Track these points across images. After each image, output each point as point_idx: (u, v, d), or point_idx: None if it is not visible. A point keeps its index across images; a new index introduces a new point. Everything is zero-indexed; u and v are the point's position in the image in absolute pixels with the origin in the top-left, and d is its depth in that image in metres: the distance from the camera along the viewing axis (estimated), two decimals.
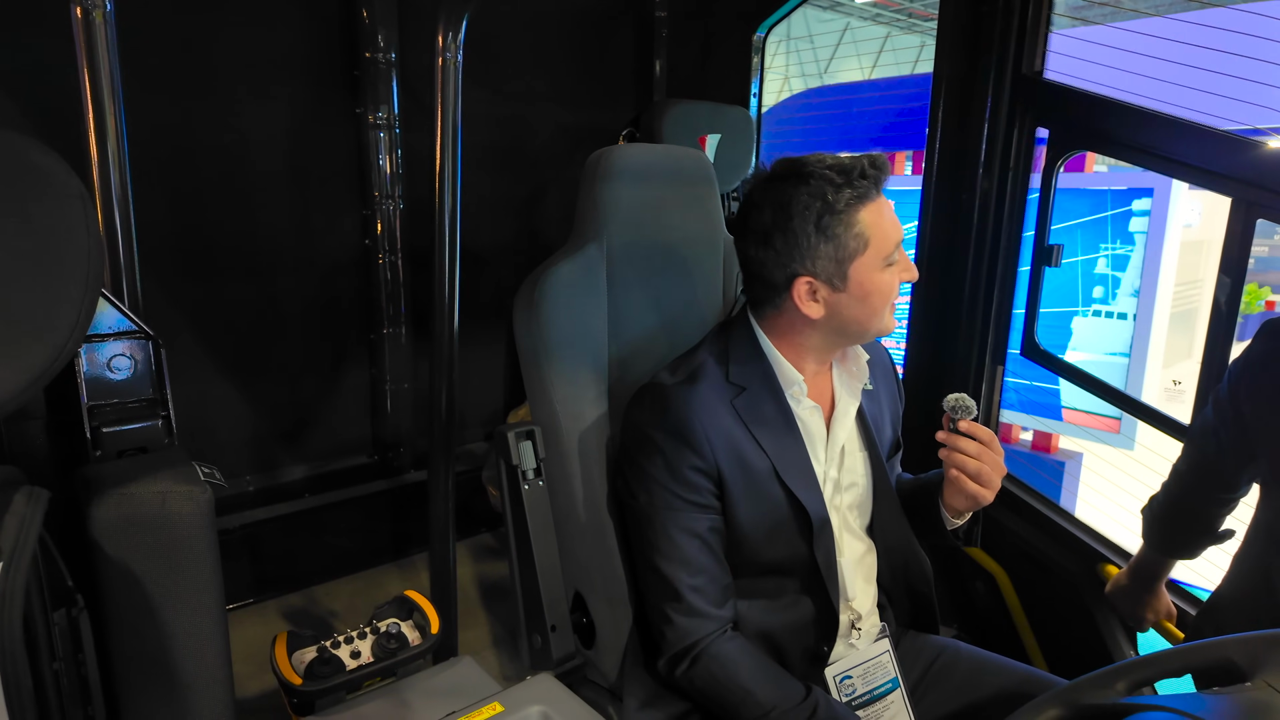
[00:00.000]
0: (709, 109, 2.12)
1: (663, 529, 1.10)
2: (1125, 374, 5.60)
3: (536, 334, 1.22)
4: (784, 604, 1.17)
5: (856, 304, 1.08)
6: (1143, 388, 5.61)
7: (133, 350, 0.81)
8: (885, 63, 10.61)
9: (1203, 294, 8.55)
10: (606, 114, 2.53)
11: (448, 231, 1.36)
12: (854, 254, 1.05)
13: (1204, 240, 7.24)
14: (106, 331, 0.80)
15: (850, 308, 1.09)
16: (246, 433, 2.03)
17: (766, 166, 1.12)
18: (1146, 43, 3.19)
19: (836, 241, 1.05)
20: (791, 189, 1.05)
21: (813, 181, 1.04)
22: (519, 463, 1.20)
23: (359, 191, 2.11)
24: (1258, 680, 0.87)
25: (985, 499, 1.11)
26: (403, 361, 2.24)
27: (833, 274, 1.06)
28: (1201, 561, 1.57)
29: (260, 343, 2.03)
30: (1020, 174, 1.91)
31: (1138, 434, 5.40)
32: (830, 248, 1.05)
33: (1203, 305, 8.71)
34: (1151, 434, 2.49)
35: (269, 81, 1.91)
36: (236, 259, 1.96)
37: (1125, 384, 5.74)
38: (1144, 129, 1.69)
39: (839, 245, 1.05)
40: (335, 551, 2.11)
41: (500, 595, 2.04)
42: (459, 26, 1.24)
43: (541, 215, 2.49)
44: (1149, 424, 1.75)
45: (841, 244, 1.05)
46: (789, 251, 1.06)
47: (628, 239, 1.29)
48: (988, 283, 1.98)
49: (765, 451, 1.11)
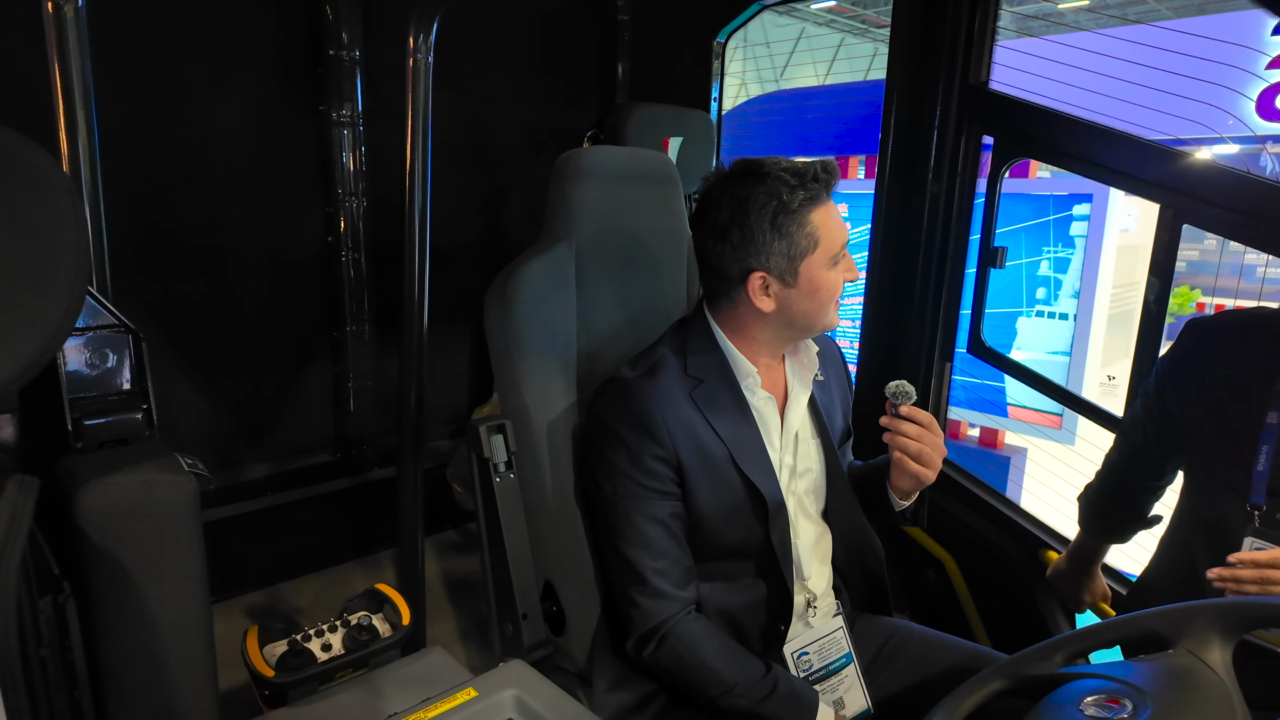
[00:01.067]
0: (671, 112, 2.17)
1: (627, 516, 1.15)
2: (1066, 372, 5.83)
3: (508, 329, 1.25)
4: (742, 585, 1.23)
5: (806, 299, 1.14)
6: (1083, 385, 5.86)
7: (113, 344, 0.82)
8: (839, 69, 10.83)
9: (1138, 296, 8.89)
10: (570, 115, 2.56)
11: (418, 230, 1.39)
12: (805, 252, 1.12)
13: (1140, 245, 7.56)
14: (87, 325, 0.81)
15: (799, 302, 1.15)
16: (209, 430, 2.01)
17: (726, 166, 1.18)
18: (1080, 55, 3.34)
19: (789, 239, 1.11)
20: (750, 187, 1.11)
21: (769, 181, 1.10)
22: (490, 456, 1.23)
23: (322, 189, 2.11)
24: (1179, 647, 0.95)
25: (928, 478, 1.19)
26: (366, 359, 2.24)
27: (784, 270, 1.12)
28: (1134, 547, 1.68)
29: (222, 340, 2.02)
30: (967, 180, 2.00)
31: (1078, 429, 5.64)
32: (783, 245, 1.11)
33: (1138, 307, 9.06)
34: (1091, 429, 2.62)
35: (232, 77, 1.90)
36: (198, 256, 1.95)
37: (1066, 381, 5.99)
38: (1081, 138, 1.79)
39: (791, 243, 1.11)
40: (300, 549, 2.10)
41: (466, 590, 2.06)
42: (430, 28, 1.27)
43: (506, 214, 2.51)
44: (1085, 416, 1.86)
45: (794, 242, 1.11)
46: (745, 246, 1.12)
47: (596, 237, 1.33)
48: (936, 283, 2.07)
49: (722, 439, 1.17)
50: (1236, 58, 4.54)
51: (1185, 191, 1.65)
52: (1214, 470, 1.33)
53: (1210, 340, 1.36)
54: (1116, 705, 0.87)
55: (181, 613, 0.76)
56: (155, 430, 0.83)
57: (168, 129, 1.84)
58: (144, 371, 0.83)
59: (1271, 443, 1.24)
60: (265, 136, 1.99)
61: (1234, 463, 1.27)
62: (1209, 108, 4.50)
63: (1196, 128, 4.66)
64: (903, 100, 2.04)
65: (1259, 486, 1.24)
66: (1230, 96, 4.56)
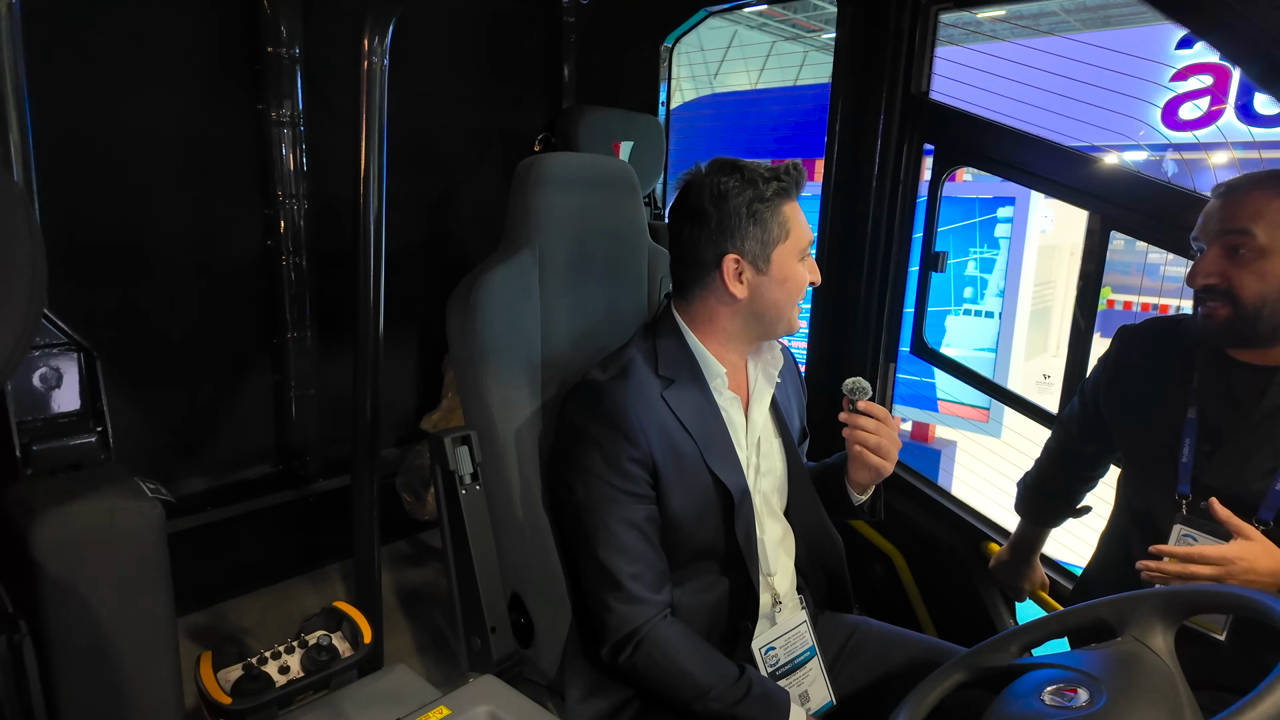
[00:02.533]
0: (622, 116, 2.17)
1: (601, 520, 1.15)
2: (993, 367, 6.11)
3: (472, 338, 1.23)
4: (708, 583, 1.25)
5: (776, 287, 1.19)
6: (1009, 378, 6.14)
7: (62, 362, 0.78)
8: (771, 70, 11.02)
9: (1056, 293, 9.40)
10: (517, 116, 2.54)
11: (372, 237, 1.35)
12: (777, 240, 1.17)
13: (1056, 245, 7.96)
14: (34, 343, 0.76)
15: (770, 290, 1.19)
16: (141, 444, 1.91)
17: (703, 165, 1.21)
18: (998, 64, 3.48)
19: (763, 225, 1.16)
20: (728, 176, 1.17)
21: (746, 173, 1.16)
22: (455, 468, 1.21)
23: (261, 191, 2.02)
24: (1126, 635, 1.00)
25: (886, 470, 1.24)
26: (308, 366, 2.17)
27: (758, 255, 1.17)
28: (1066, 534, 1.77)
29: (156, 349, 1.92)
30: (909, 186, 2.06)
31: (1005, 422, 5.89)
32: (758, 230, 1.16)
33: (1056, 304, 9.58)
34: (1017, 422, 2.73)
35: (162, 74, 1.81)
36: (128, 261, 1.84)
37: (993, 376, 6.26)
38: (1016, 148, 1.88)
39: (765, 229, 1.16)
40: (242, 566, 2.02)
41: (420, 602, 2.01)
42: (385, 30, 1.24)
43: (453, 217, 2.46)
44: (1023, 414, 1.95)
45: (767, 229, 1.16)
46: (721, 230, 1.16)
47: (558, 244, 1.33)
48: (880, 286, 2.13)
49: (693, 438, 1.18)
50: (1145, 70, 4.83)
51: (1113, 199, 1.74)
52: (1144, 464, 1.41)
53: (1136, 344, 1.46)
54: (1074, 694, 0.92)
55: (148, 648, 0.72)
56: (111, 453, 0.79)
57: (96, 129, 1.74)
58: (98, 390, 0.79)
59: (1193, 436, 1.33)
60: (200, 137, 1.90)
61: (1161, 456, 1.35)
62: (1122, 116, 4.76)
63: (1111, 135, 4.93)
64: (847, 109, 2.10)
65: (1184, 477, 1.32)
66: (1140, 105, 4.84)
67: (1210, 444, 1.31)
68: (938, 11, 1.98)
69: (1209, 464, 1.30)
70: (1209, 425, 1.31)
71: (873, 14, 2.01)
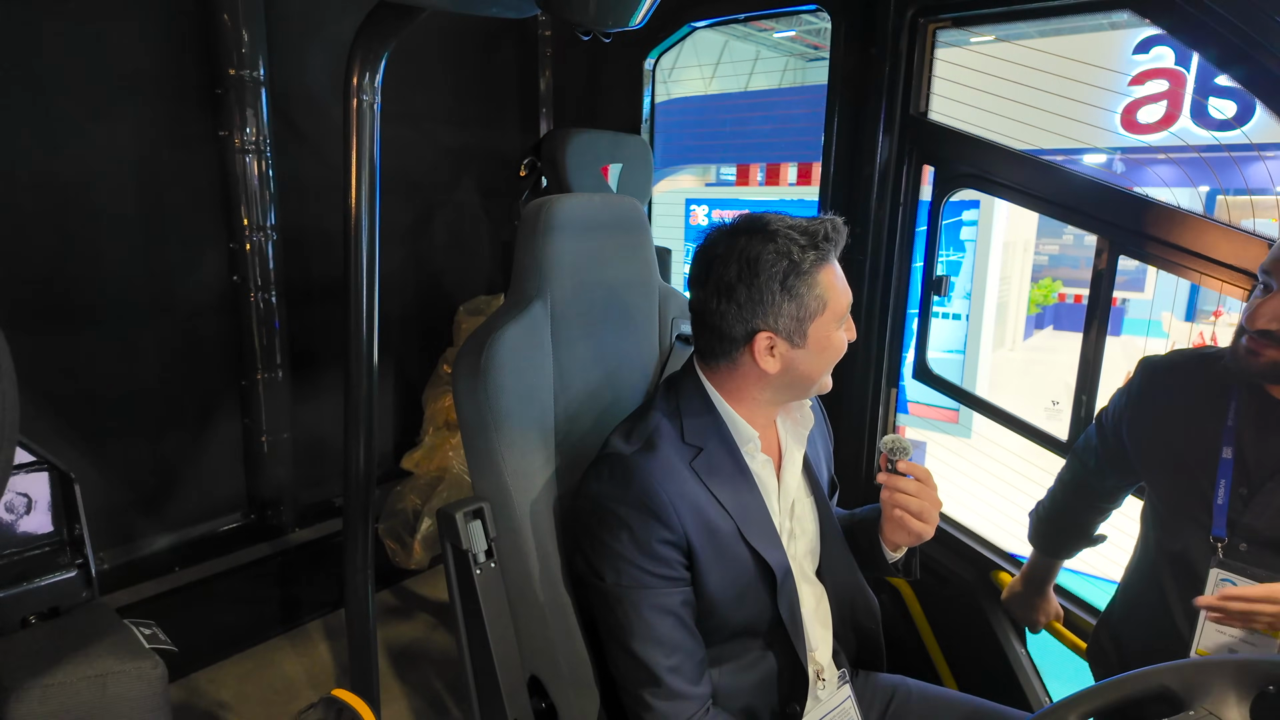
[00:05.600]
0: (609, 138, 2.07)
1: (634, 609, 1.05)
2: (961, 367, 6.20)
3: (484, 404, 1.12)
4: (750, 661, 1.16)
5: (813, 358, 1.09)
6: (976, 378, 6.24)
7: (33, 485, 0.65)
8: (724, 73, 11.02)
9: (1011, 289, 9.64)
10: (493, 135, 2.42)
11: (364, 281, 1.23)
12: (814, 314, 1.07)
13: (1010, 241, 8.14)
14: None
15: (805, 362, 1.09)
16: (99, 502, 1.75)
17: (727, 225, 1.11)
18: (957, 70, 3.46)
19: (799, 301, 1.05)
20: (759, 245, 1.05)
21: (779, 240, 1.05)
22: (469, 547, 1.10)
23: (225, 223, 1.88)
24: (1199, 709, 0.95)
25: (927, 535, 1.16)
26: (281, 409, 2.02)
27: (793, 331, 1.07)
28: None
29: (113, 398, 1.76)
30: (909, 208, 2.01)
31: (973, 425, 5.97)
32: (793, 306, 1.05)
33: (1011, 300, 9.81)
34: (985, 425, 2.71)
35: (113, 100, 1.65)
36: (79, 305, 1.68)
37: (961, 376, 6.35)
38: (1021, 170, 1.83)
39: (801, 304, 1.06)
40: (216, 630, 1.87)
41: (412, 662, 1.89)
42: (377, 67, 1.12)
43: (428, 243, 2.34)
44: (1034, 442, 1.90)
45: (804, 303, 1.06)
46: (753, 307, 1.06)
47: (571, 293, 1.23)
48: (881, 310, 2.07)
49: (729, 512, 1.09)
50: (1103, 76, 4.91)
51: (1121, 223, 1.71)
52: (1175, 504, 1.37)
53: (1162, 379, 1.41)
54: None
55: None
56: (96, 589, 0.66)
57: (36, 162, 1.57)
58: (75, 515, 0.66)
59: (1228, 477, 1.29)
60: (156, 167, 1.74)
61: (1194, 496, 1.31)
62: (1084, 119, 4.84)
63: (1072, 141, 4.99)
64: (843, 129, 2.03)
65: (1219, 520, 1.28)
66: (1100, 111, 4.93)
67: (1247, 485, 1.27)
68: (935, 30, 1.93)
69: (1247, 506, 1.26)
70: (1247, 465, 1.27)
71: (867, 31, 1.95)
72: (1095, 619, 1.78)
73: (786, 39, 10.71)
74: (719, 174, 9.17)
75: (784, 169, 5.60)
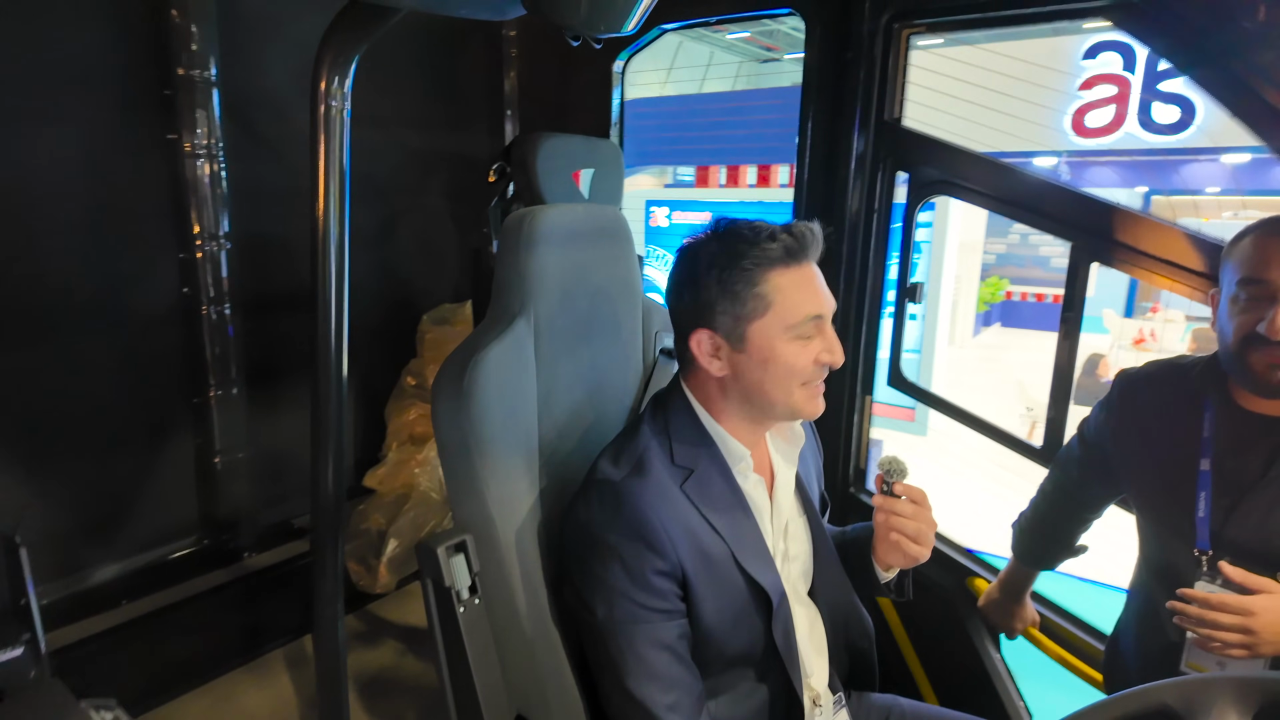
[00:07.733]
0: (582, 143, 2.00)
1: (629, 645, 1.00)
2: (918, 367, 6.29)
3: (467, 429, 1.06)
4: (744, 693, 1.12)
5: (756, 368, 1.04)
6: (933, 376, 6.34)
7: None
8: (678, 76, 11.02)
9: (962, 288, 9.84)
10: (458, 138, 2.34)
11: (334, 297, 1.16)
12: (753, 315, 1.02)
13: (963, 241, 8.31)
14: None
15: (750, 370, 1.05)
16: (41, 531, 1.63)
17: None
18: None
19: (736, 298, 1.02)
20: (707, 243, 1.05)
21: (728, 238, 1.03)
22: (453, 584, 1.04)
23: (175, 231, 1.77)
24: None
25: (923, 557, 1.13)
26: (236, 427, 1.92)
27: (730, 330, 1.04)
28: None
29: (55, 418, 1.64)
30: (883, 215, 2.00)
31: (929, 423, 6.06)
32: (728, 303, 1.02)
33: (960, 298, 10.00)
34: (940, 421, 2.73)
35: (56, 102, 1.53)
36: (16, 320, 1.56)
37: (919, 375, 6.44)
38: (995, 177, 1.83)
39: (738, 301, 1.02)
40: (169, 665, 1.75)
41: (384, 694, 1.81)
42: (347, 71, 1.05)
43: (392, 249, 2.25)
44: (1013, 450, 1.90)
45: (740, 301, 1.02)
46: (694, 304, 1.05)
47: (555, 308, 1.18)
48: (856, 317, 2.06)
49: (722, 536, 1.05)
50: (1054, 79, 5.03)
51: (1093, 230, 1.72)
52: (1159, 517, 1.38)
53: (1138, 390, 1.41)
54: None
55: None
56: (46, 666, 0.59)
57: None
58: (21, 586, 0.59)
59: (1208, 489, 1.29)
60: (101, 172, 1.63)
61: (1176, 509, 1.32)
62: (1038, 122, 4.96)
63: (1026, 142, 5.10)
64: (817, 135, 2.01)
65: (1202, 532, 1.29)
66: (1052, 114, 5.05)
67: (1228, 497, 1.28)
68: (909, 35, 1.92)
69: (1228, 518, 1.27)
70: (1225, 478, 1.28)
71: (841, 36, 1.93)
72: (1072, 625, 1.80)
73: (740, 40, 10.74)
74: (675, 175, 9.17)
75: (743, 171, 5.60)
